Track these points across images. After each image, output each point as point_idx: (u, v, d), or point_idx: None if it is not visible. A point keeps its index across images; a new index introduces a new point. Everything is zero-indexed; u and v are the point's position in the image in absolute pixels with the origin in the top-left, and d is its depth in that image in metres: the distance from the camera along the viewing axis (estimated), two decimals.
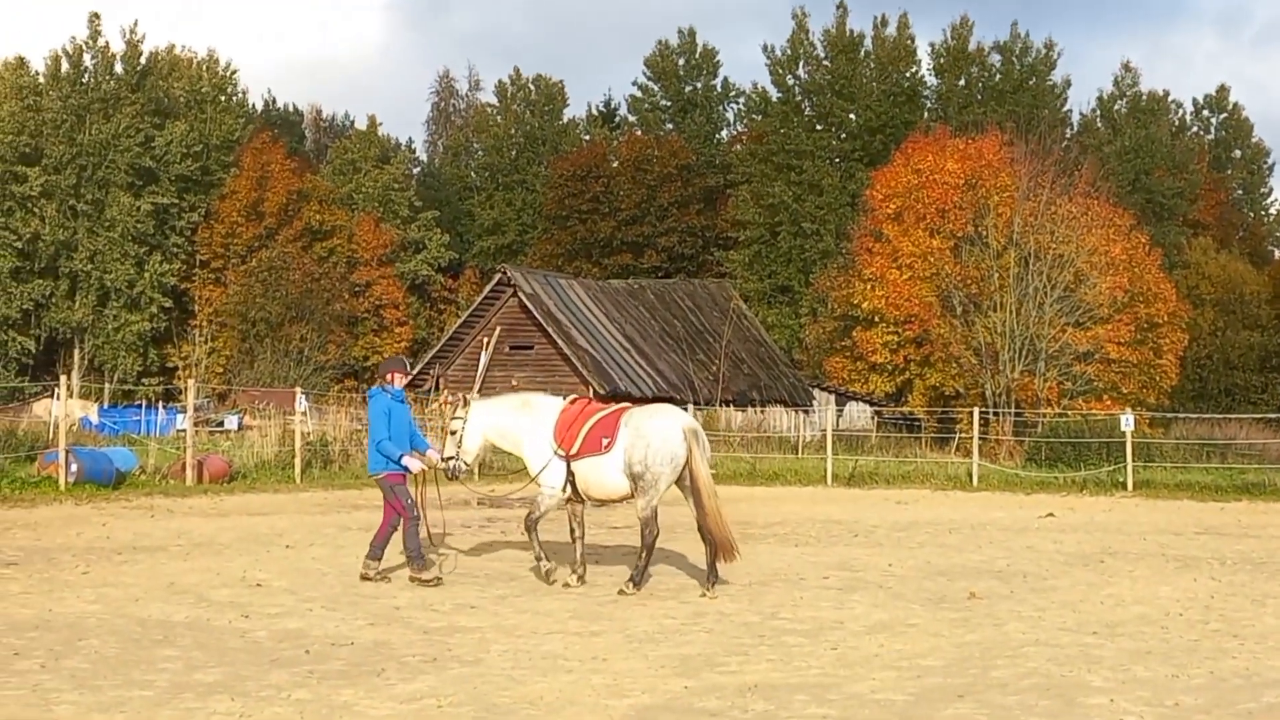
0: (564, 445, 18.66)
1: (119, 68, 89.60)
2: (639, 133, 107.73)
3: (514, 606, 16.86)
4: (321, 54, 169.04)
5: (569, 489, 18.85)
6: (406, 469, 19.19)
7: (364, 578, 18.94)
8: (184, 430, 39.96)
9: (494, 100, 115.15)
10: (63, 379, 38.30)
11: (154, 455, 37.61)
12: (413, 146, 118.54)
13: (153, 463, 36.75)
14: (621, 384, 66.92)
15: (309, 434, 40.91)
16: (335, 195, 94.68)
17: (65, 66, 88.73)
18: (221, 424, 52.78)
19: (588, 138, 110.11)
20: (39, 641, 14.20)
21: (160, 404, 64.60)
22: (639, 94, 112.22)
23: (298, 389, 43.06)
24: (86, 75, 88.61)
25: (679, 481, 18.59)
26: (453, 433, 19.24)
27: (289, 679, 12.78)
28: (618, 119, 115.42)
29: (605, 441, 18.55)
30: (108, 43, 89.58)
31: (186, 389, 41.18)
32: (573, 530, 19.37)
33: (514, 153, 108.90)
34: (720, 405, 65.41)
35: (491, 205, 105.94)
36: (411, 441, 19.38)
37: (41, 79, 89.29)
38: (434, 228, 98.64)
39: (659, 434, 18.50)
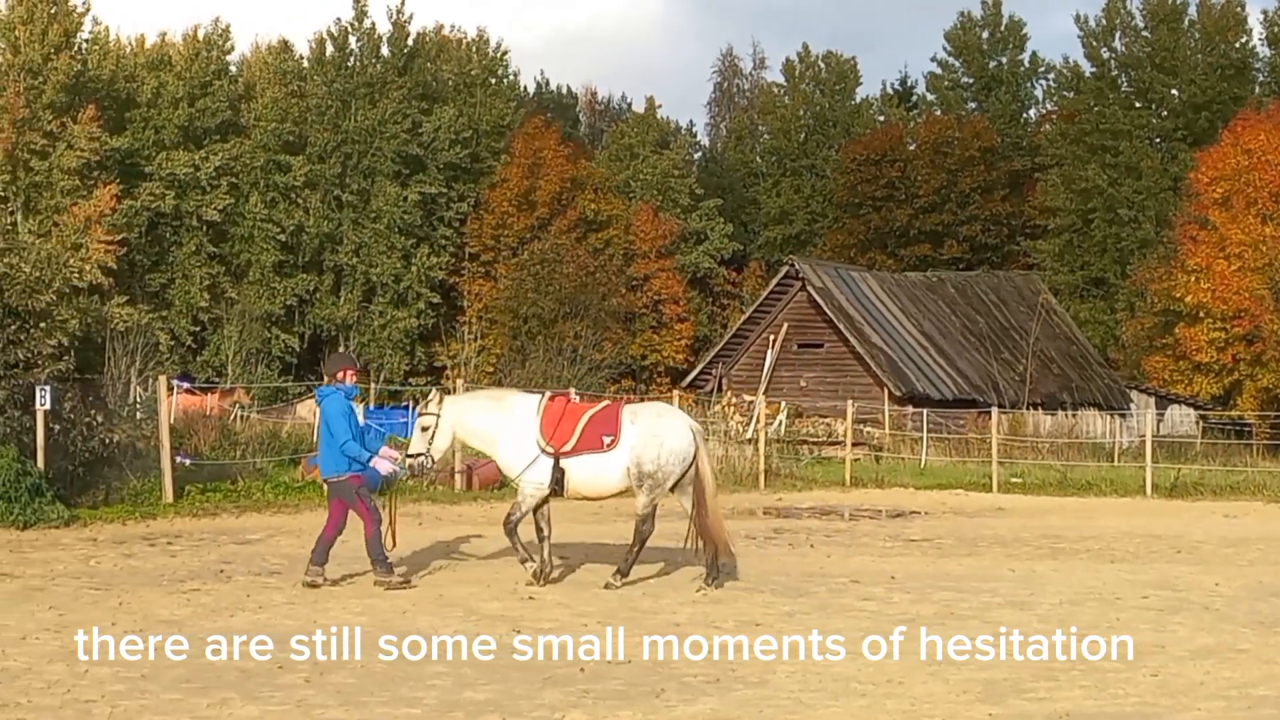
0: (554, 443, 19.38)
1: (385, 50, 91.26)
2: (938, 113, 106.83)
3: (802, 624, 16.81)
4: (597, 32, 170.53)
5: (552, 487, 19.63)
6: (374, 469, 19.67)
7: (382, 585, 19.17)
8: None
9: (781, 79, 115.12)
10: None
11: None
12: (693, 130, 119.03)
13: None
14: (919, 385, 66.52)
15: None
16: (611, 183, 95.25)
17: (330, 49, 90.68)
18: None
19: (882, 119, 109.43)
20: (303, 654, 14.56)
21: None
22: (938, 71, 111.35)
23: (571, 390, 43.48)
24: (352, 59, 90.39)
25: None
26: (424, 429, 19.57)
27: (563, 698, 12.94)
28: (915, 98, 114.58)
29: (608, 440, 19.44)
30: (374, 24, 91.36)
31: (455, 389, 41.85)
32: (540, 529, 20.07)
33: (802, 136, 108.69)
34: (1027, 409, 64.58)
35: (778, 192, 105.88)
36: (364, 443, 19.76)
37: (305, 63, 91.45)
38: (716, 217, 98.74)
39: (672, 433, 19.75)
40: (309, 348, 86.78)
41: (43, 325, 28.05)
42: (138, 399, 38.18)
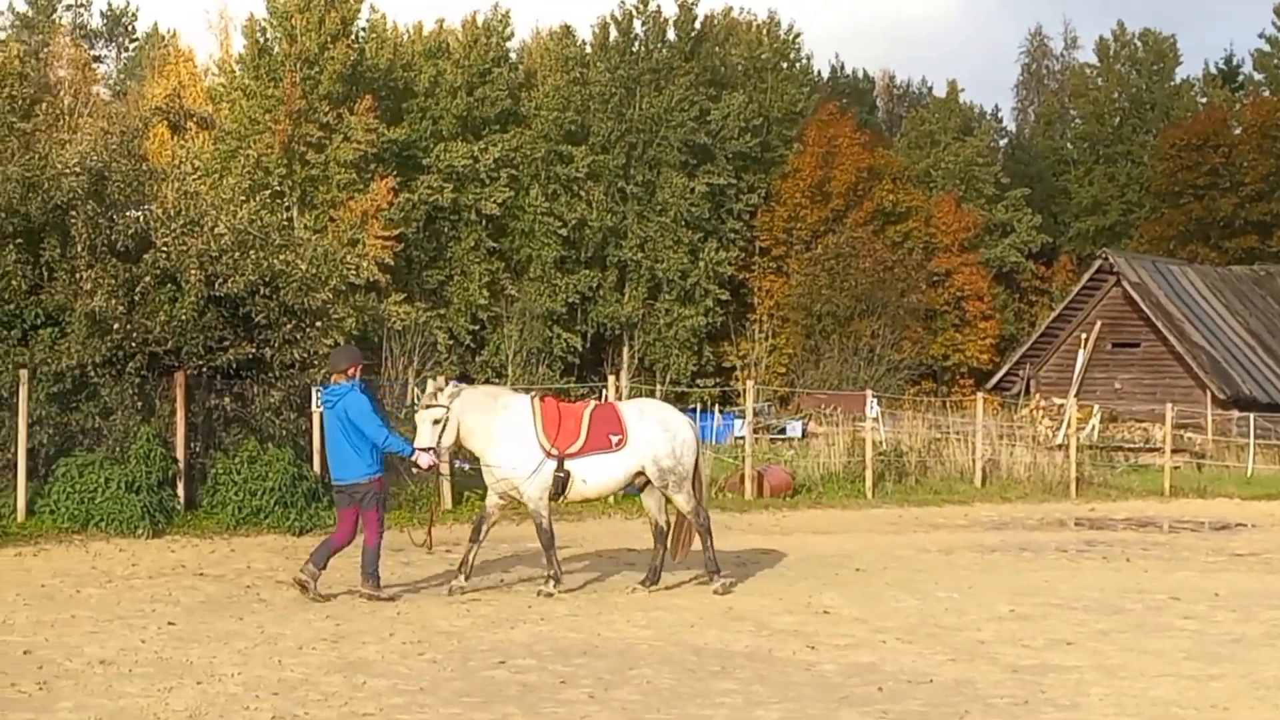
0: (559, 444, 19.35)
1: (671, 34, 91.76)
2: (1267, 93, 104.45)
3: (1117, 643, 16.60)
4: (896, 13, 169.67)
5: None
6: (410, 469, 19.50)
7: (364, 596, 18.86)
8: (742, 438, 40.69)
9: (1093, 60, 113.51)
10: (610, 380, 39.48)
11: (709, 465, 38.34)
12: (999, 115, 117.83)
13: (708, 473, 37.42)
14: (1245, 387, 65.20)
15: (881, 443, 41.09)
16: (910, 172, 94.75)
17: (613, 34, 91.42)
18: (783, 431, 53.46)
19: (1204, 101, 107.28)
20: (587, 669, 14.70)
21: (716, 408, 65.87)
22: (1266, 48, 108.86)
23: (868, 392, 43.37)
24: (636, 44, 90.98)
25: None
26: (435, 421, 19.12)
27: (859, 719, 12.89)
28: (1241, 78, 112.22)
29: (615, 439, 19.55)
30: (659, 7, 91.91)
31: (744, 391, 41.95)
32: (481, 531, 20.00)
33: (1117, 120, 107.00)
34: None
35: (1090, 181, 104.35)
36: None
37: (588, 49, 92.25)
38: (1024, 208, 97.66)
39: (684, 427, 20.34)
40: (591, 347, 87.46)
41: (319, 324, 28.60)
42: (415, 400, 38.83)
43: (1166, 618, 18.64)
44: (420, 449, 19.10)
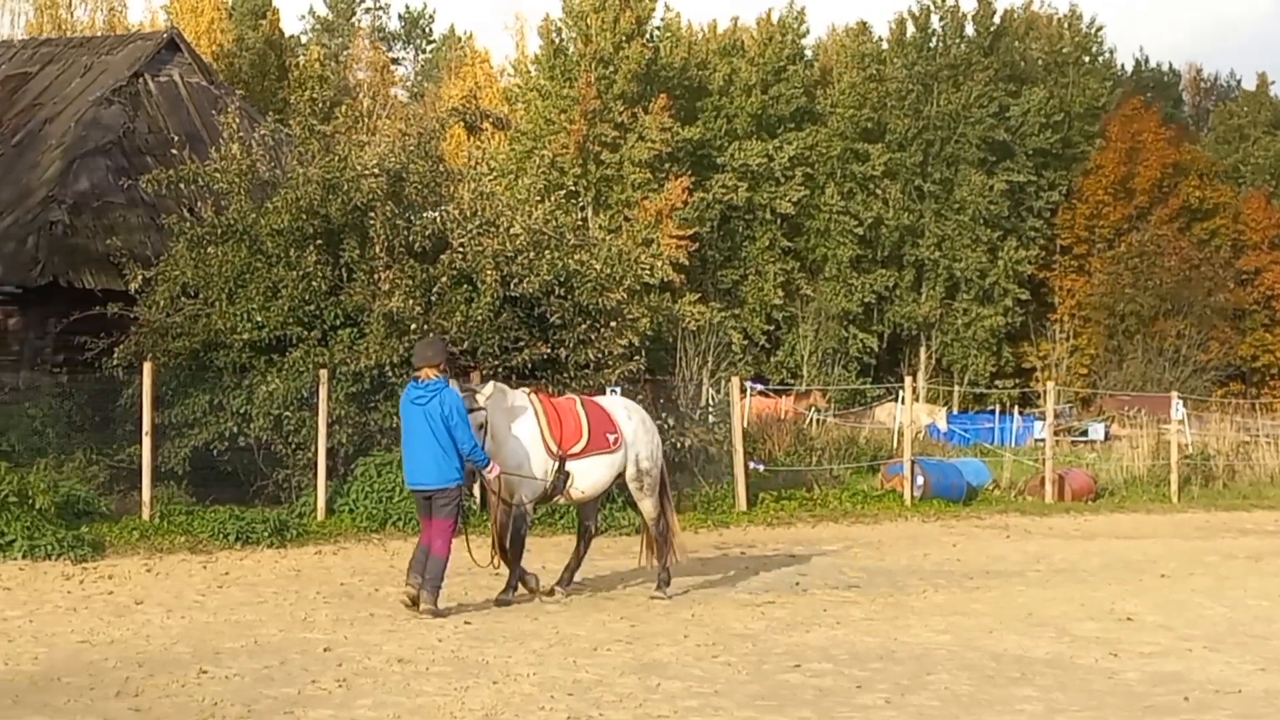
0: (563, 444, 18.59)
1: (969, 29, 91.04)
2: None
3: None
4: (1203, 5, 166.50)
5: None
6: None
7: (429, 612, 17.58)
8: (1042, 440, 40.29)
9: None
10: (907, 381, 39.34)
11: (1009, 468, 38.09)
12: None
13: (1007, 476, 37.21)
14: None
15: (1187, 446, 40.43)
16: (1218, 168, 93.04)
17: (911, 30, 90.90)
18: (1085, 433, 52.87)
19: None
20: (884, 674, 14.65)
21: (1015, 410, 65.29)
22: None
23: (1173, 394, 42.69)
24: (934, 39, 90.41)
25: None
26: (479, 426, 17.89)
27: None
28: None
29: (612, 437, 18.94)
30: (958, 2, 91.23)
31: (1045, 393, 41.52)
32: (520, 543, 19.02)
33: None
34: None
35: None
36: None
37: (885, 45, 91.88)
38: None
39: (654, 427, 20.11)
40: (888, 348, 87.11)
41: (613, 324, 28.73)
42: (710, 401, 38.91)
43: None
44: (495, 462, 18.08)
